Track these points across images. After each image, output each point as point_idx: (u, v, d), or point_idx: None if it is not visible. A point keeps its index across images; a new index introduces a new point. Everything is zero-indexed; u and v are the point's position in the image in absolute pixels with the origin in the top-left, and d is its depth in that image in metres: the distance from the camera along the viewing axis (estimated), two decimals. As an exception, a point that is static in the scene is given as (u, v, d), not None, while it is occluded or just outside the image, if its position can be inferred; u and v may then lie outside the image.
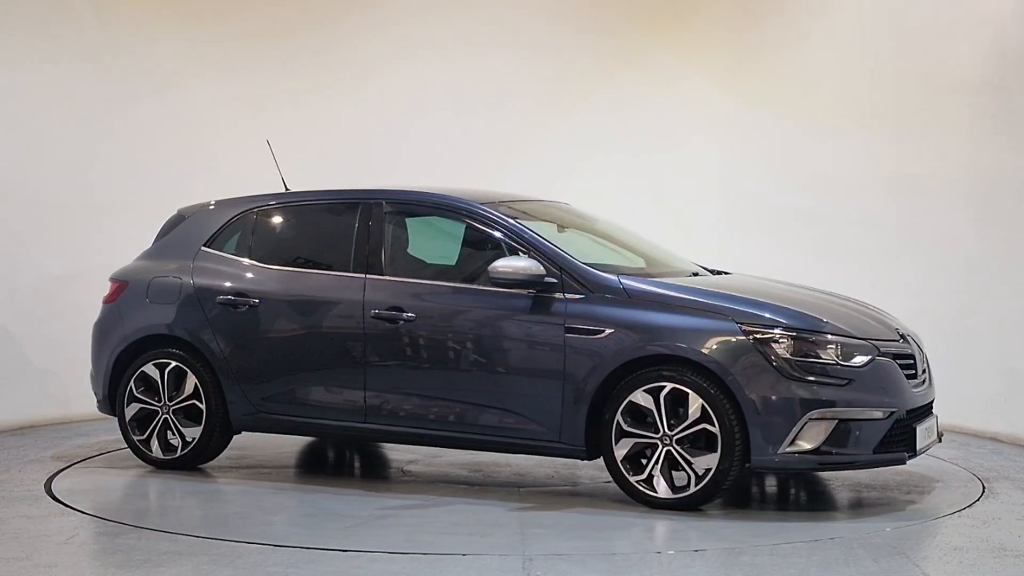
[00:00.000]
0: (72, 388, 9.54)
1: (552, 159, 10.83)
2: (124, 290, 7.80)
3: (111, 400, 7.69)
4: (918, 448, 6.54)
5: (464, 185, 8.30)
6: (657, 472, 6.38)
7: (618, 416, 6.45)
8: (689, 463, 6.32)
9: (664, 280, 6.85)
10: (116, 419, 7.70)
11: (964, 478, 7.36)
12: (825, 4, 10.28)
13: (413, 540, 5.88)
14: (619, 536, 5.98)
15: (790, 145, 10.34)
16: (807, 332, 6.35)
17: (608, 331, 6.52)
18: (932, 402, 6.97)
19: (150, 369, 7.54)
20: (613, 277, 6.70)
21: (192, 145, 10.26)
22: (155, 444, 7.52)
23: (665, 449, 6.36)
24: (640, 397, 6.41)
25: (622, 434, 6.46)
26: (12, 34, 9.48)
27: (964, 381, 9.00)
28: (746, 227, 10.42)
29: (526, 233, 6.94)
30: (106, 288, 7.99)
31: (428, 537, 5.96)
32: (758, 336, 6.30)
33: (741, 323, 6.35)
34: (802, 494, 6.98)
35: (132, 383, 7.58)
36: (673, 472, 6.39)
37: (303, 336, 7.25)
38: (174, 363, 7.48)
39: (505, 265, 6.69)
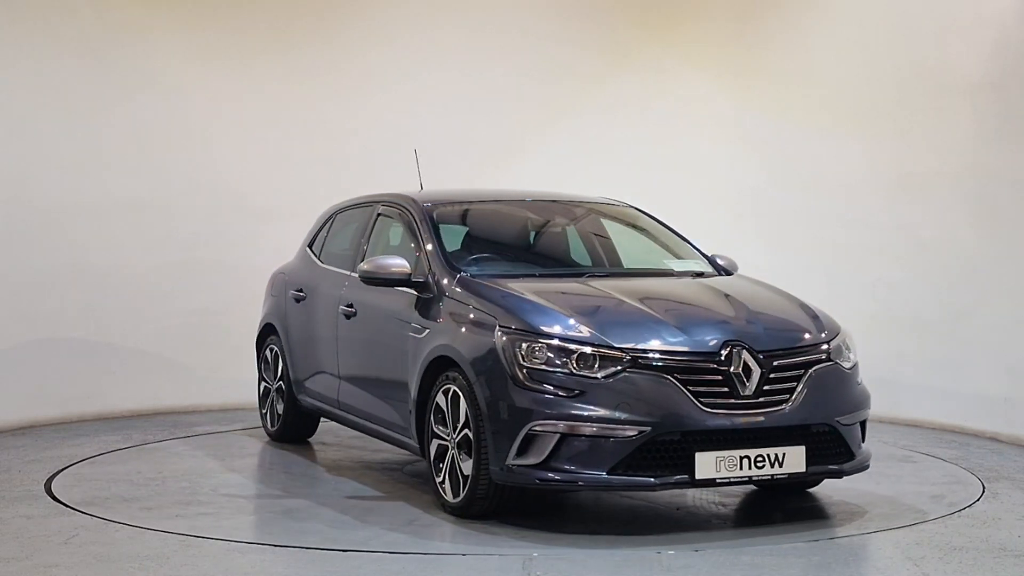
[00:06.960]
0: (72, 388, 9.56)
1: (552, 159, 10.82)
2: (269, 284, 8.83)
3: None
4: (701, 476, 5.75)
5: (467, 187, 8.33)
6: (446, 476, 6.30)
7: (429, 417, 6.43)
8: (460, 469, 6.18)
9: (496, 282, 6.52)
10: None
11: (964, 478, 7.35)
12: (825, 4, 10.28)
13: (413, 540, 5.88)
14: (619, 535, 5.97)
15: (790, 145, 10.34)
16: (545, 337, 5.92)
17: (427, 332, 6.54)
18: (797, 428, 5.98)
19: (267, 353, 8.64)
20: (451, 276, 6.62)
21: (192, 145, 10.26)
22: (268, 417, 8.62)
23: (451, 453, 6.27)
24: (440, 399, 6.35)
25: (432, 435, 6.42)
26: (11, 33, 9.47)
27: (964, 381, 9.01)
28: (745, 227, 10.41)
29: (423, 230, 7.03)
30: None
31: (428, 537, 5.96)
32: (504, 341, 5.98)
33: (502, 327, 6.04)
34: (802, 495, 6.97)
35: (261, 364, 8.72)
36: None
37: (317, 328, 7.87)
38: (275, 349, 8.47)
39: (370, 264, 6.86)
